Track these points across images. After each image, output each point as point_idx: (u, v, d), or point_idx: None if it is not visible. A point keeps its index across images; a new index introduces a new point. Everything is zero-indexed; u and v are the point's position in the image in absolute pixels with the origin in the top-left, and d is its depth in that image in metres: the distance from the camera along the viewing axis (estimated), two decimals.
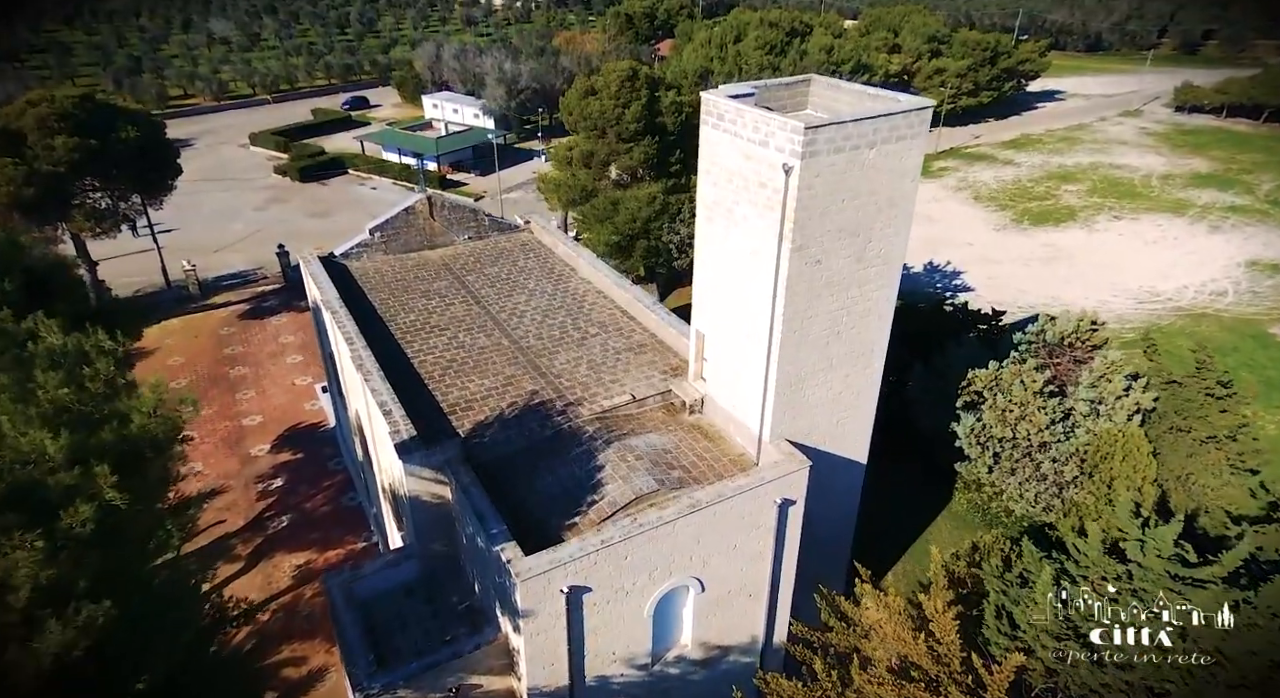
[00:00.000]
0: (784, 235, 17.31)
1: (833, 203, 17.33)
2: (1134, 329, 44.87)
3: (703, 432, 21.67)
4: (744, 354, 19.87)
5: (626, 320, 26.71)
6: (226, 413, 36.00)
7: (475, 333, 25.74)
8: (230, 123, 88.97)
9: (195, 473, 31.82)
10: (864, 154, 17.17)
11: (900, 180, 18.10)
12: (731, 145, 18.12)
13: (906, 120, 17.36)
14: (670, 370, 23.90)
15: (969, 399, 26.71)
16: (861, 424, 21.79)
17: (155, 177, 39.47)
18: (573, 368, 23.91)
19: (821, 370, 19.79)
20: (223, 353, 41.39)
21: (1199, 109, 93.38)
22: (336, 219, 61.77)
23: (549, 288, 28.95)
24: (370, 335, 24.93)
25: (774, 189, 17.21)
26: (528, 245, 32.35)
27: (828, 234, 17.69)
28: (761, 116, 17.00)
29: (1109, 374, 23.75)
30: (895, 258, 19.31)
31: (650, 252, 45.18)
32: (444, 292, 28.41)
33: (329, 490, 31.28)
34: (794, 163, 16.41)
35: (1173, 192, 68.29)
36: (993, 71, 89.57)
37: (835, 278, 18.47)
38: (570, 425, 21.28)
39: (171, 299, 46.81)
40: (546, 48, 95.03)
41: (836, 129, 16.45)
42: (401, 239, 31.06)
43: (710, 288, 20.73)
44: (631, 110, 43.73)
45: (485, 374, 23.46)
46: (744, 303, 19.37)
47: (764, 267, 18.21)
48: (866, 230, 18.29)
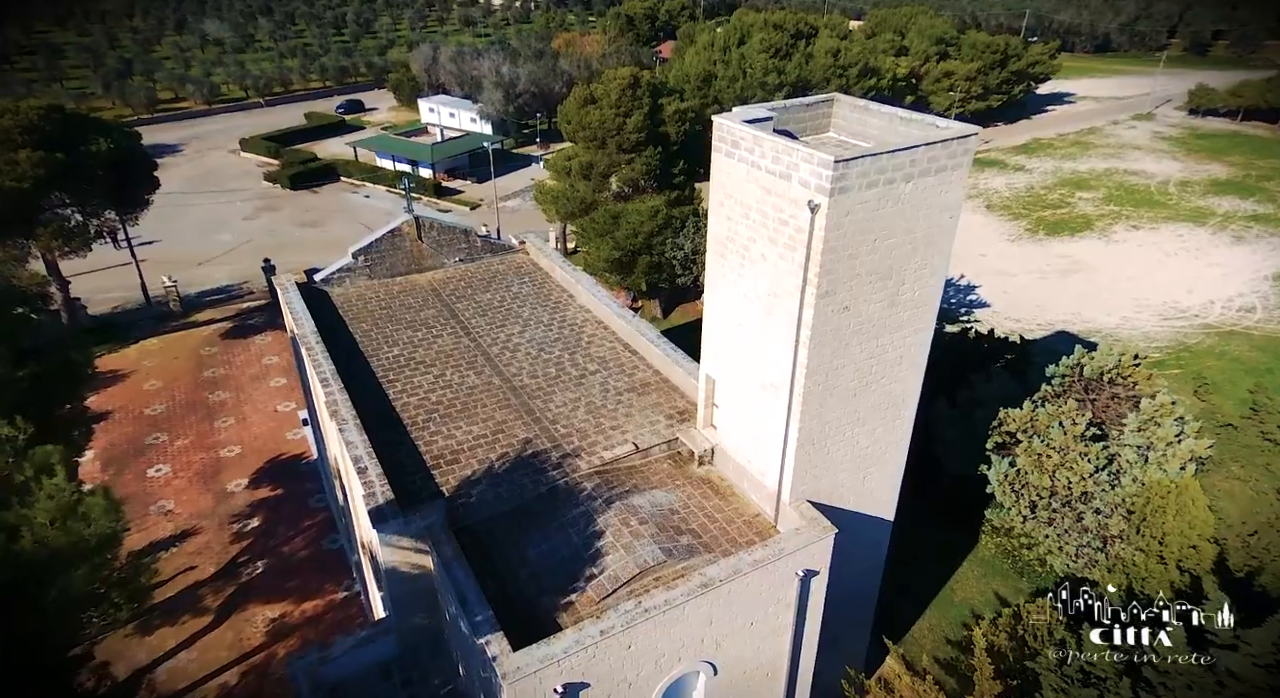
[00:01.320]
0: (808, 279, 15.23)
1: (864, 243, 15.25)
2: (1161, 348, 42.78)
3: (713, 487, 19.60)
4: (760, 406, 17.80)
5: (628, 356, 24.63)
6: (203, 443, 33.93)
7: (464, 370, 23.66)
8: (221, 127, 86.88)
9: (166, 512, 29.78)
10: (899, 189, 15.08)
11: (939, 216, 16.02)
12: (748, 176, 16.03)
13: (947, 150, 15.27)
14: (677, 415, 21.82)
15: (1000, 440, 24.64)
16: (889, 480, 19.72)
17: (130, 191, 37.35)
18: (570, 412, 21.83)
19: (848, 425, 17.72)
20: (203, 376, 39.33)
21: (1213, 112, 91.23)
22: (328, 229, 59.77)
23: (545, 317, 26.87)
24: (350, 373, 22.89)
25: (797, 228, 15.13)
26: (522, 268, 30.27)
27: (857, 278, 15.61)
28: (783, 146, 14.91)
29: (1158, 417, 21.67)
30: (930, 301, 17.23)
31: (653, 267, 43.13)
32: (431, 322, 26.34)
33: (309, 532, 29.21)
34: (821, 200, 14.33)
35: (1191, 199, 66.16)
36: (1003, 74, 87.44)
37: (865, 325, 16.39)
38: (567, 481, 19.21)
39: (151, 317, 44.73)
40: (545, 50, 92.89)
41: (870, 161, 14.36)
42: (387, 263, 28.99)
43: (722, 330, 18.64)
44: (633, 120, 41.66)
45: (474, 419, 21.38)
46: (761, 350, 17.29)
47: (785, 312, 16.14)
48: (900, 272, 16.20)
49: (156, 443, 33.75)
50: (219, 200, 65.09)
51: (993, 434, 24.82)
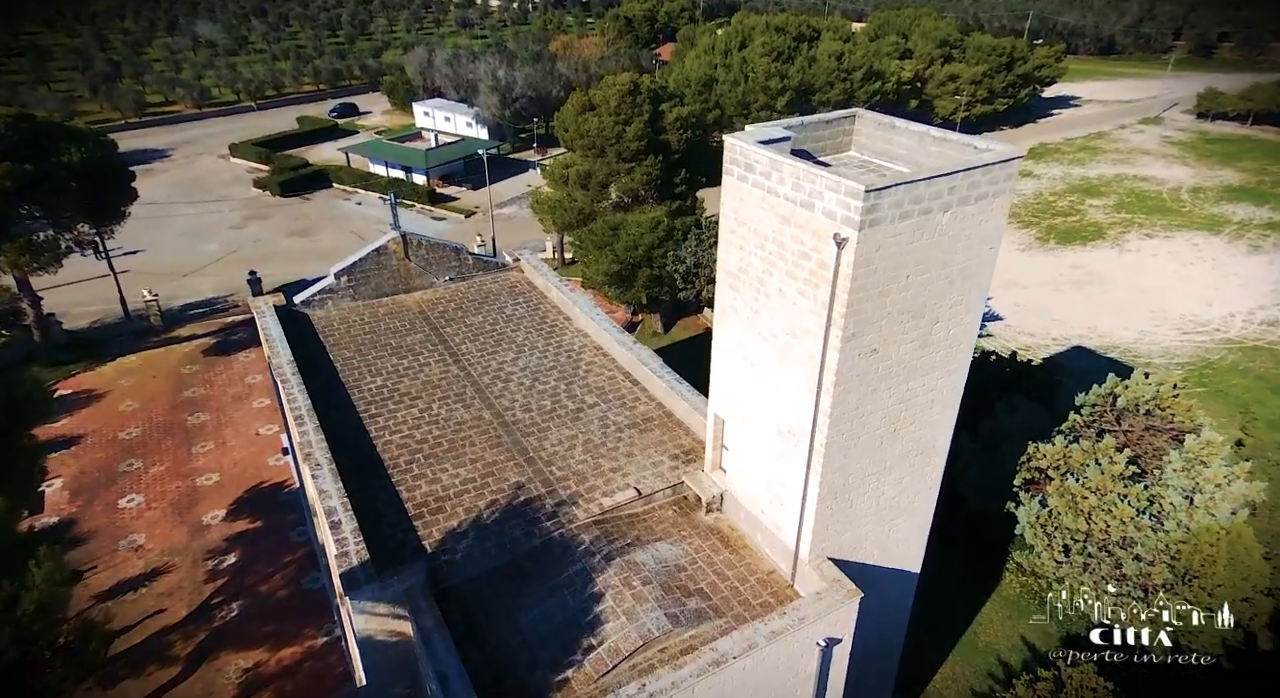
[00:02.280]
0: (833, 320, 13.53)
1: (895, 280, 13.54)
2: (1182, 365, 41.12)
3: (723, 538, 17.88)
4: (776, 453, 16.09)
5: (629, 386, 22.91)
6: (180, 470, 32.16)
7: (452, 403, 21.93)
8: (211, 132, 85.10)
9: (136, 548, 28.02)
10: (936, 219, 13.38)
11: (977, 248, 14.32)
12: (764, 203, 14.33)
13: (989, 175, 13.58)
14: (682, 454, 20.11)
15: (1030, 476, 22.95)
16: (917, 530, 18.03)
17: (105, 203, 35.56)
18: (566, 451, 20.10)
19: (873, 475, 16.01)
20: (182, 396, 37.56)
21: (1223, 116, 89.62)
22: (318, 238, 57.99)
23: (540, 342, 25.15)
24: (328, 407, 21.17)
25: (820, 263, 13.43)
26: (517, 288, 28.55)
27: (887, 317, 13.91)
28: (805, 172, 13.20)
29: (1204, 456, 19.99)
30: (966, 340, 15.53)
31: (653, 281, 41.39)
32: (418, 348, 24.61)
33: (289, 569, 27.46)
34: (849, 233, 12.62)
35: (1205, 206, 64.54)
36: (1009, 78, 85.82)
37: (894, 367, 14.69)
38: (562, 533, 17.48)
39: (130, 332, 42.95)
40: (543, 53, 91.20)
41: (904, 190, 12.66)
42: (372, 283, 27.27)
43: (733, 368, 16.93)
44: (633, 128, 39.97)
45: (462, 460, 19.64)
46: (777, 393, 15.58)
47: (805, 354, 14.43)
48: (934, 310, 14.50)
49: (130, 470, 31.99)
50: (206, 208, 63.31)
51: (1020, 470, 23.14)
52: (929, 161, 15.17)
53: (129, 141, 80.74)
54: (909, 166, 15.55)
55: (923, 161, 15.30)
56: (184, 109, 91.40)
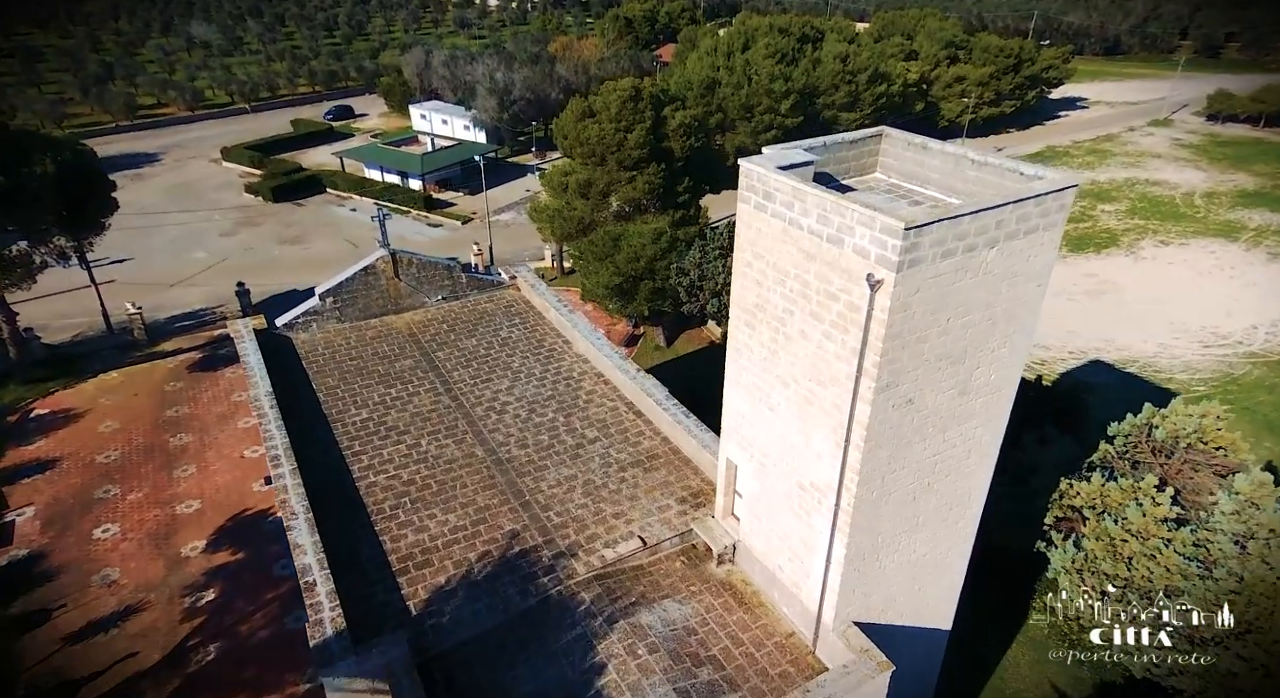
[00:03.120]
0: (864, 369, 12.02)
1: (934, 324, 12.03)
2: (1204, 380, 39.61)
3: (736, 594, 16.38)
4: (796, 508, 14.58)
5: (632, 419, 21.39)
6: (159, 497, 30.55)
7: (443, 438, 20.41)
8: (203, 135, 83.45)
9: (109, 583, 26.42)
10: (981, 256, 11.87)
11: (1024, 287, 12.81)
12: (786, 236, 12.81)
13: (1041, 207, 12.06)
14: (690, 497, 18.60)
15: (1062, 514, 21.44)
16: (949, 587, 16.55)
17: (83, 216, 34.02)
18: (565, 493, 18.59)
19: (904, 532, 14.50)
20: (165, 415, 35.93)
21: (1234, 118, 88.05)
22: (310, 246, 56.40)
23: (537, 368, 23.63)
24: (309, 444, 19.69)
25: (850, 305, 11.92)
26: (513, 307, 27.04)
27: (924, 365, 12.40)
28: (833, 203, 11.68)
29: (1256, 499, 18.48)
30: (1008, 384, 14.01)
31: (656, 293, 39.83)
32: (408, 375, 23.10)
33: (271, 606, 25.84)
34: (885, 274, 11.11)
35: (1220, 212, 63.01)
36: (1016, 79, 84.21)
37: (930, 417, 13.18)
38: (561, 591, 15.97)
39: (113, 347, 41.32)
40: (542, 54, 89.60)
41: (948, 227, 11.15)
42: (360, 304, 25.76)
43: (748, 411, 15.41)
44: (634, 135, 38.43)
45: (451, 505, 18.13)
46: (798, 442, 14.07)
47: (831, 404, 12.92)
48: (975, 354, 12.99)
49: (106, 498, 30.41)
50: (196, 215, 61.74)
51: (1052, 507, 21.63)
52: (965, 187, 13.68)
53: (119, 145, 79.44)
54: (942, 192, 14.06)
55: (958, 187, 13.80)
56: (176, 111, 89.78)
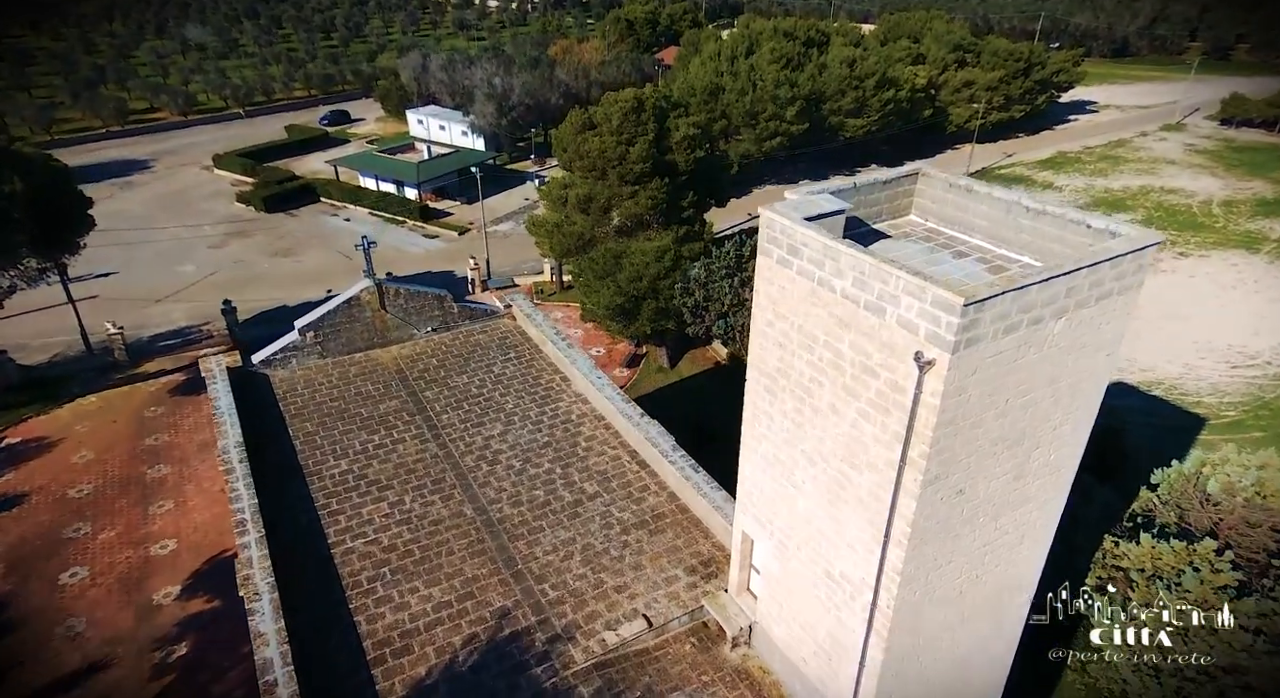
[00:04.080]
0: (910, 459, 10.27)
1: (991, 407, 10.29)
2: (1234, 404, 37.83)
3: (753, 685, 14.63)
4: (824, 599, 12.84)
5: (635, 470, 19.64)
6: (132, 536, 28.79)
7: (428, 494, 18.67)
8: (196, 141, 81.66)
9: (74, 636, 24.66)
10: (1047, 329, 10.11)
11: (1092, 358, 11.05)
12: (814, 298, 11.06)
13: (1117, 270, 10.30)
14: (700, 565, 16.86)
15: (1106, 576, 19.68)
16: (996, 677, 14.79)
17: (56, 236, 32.29)
18: (562, 561, 16.84)
19: (948, 629, 12.75)
20: (143, 444, 34.17)
21: (1248, 122, 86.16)
22: (302, 258, 54.61)
23: (533, 410, 21.88)
24: (282, 503, 17.98)
25: (893, 385, 10.17)
26: (508, 339, 25.28)
27: (978, 452, 10.65)
28: (873, 267, 9.93)
29: None
30: (1068, 463, 12.27)
31: (659, 313, 38.07)
32: (393, 419, 21.35)
33: (246, 663, 23.96)
34: (938, 354, 9.36)
35: (1240, 222, 61.17)
36: (1026, 84, 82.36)
37: (982, 506, 11.44)
38: (556, 683, 14.23)
39: (92, 368, 39.58)
40: (541, 58, 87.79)
41: (1012, 299, 9.39)
42: (343, 338, 24.01)
43: (766, 483, 13.67)
44: (637, 148, 36.64)
45: (435, 576, 16.39)
46: (829, 529, 12.33)
47: (868, 493, 11.18)
48: (1034, 435, 11.24)
49: (76, 537, 28.67)
50: (185, 225, 59.99)
51: (1095, 566, 19.88)
52: (1018, 238, 11.93)
53: (109, 152, 77.74)
54: (990, 241, 12.32)
55: (1009, 237, 12.05)
56: (169, 116, 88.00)
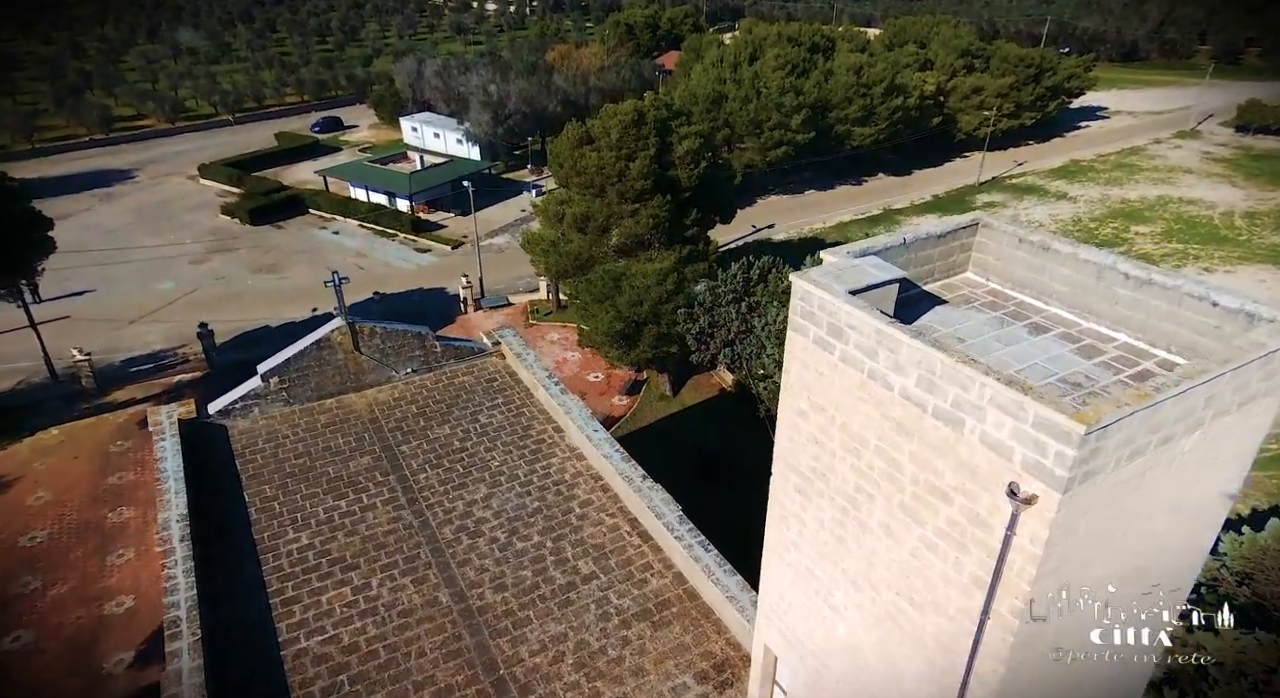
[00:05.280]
0: (994, 610, 7.89)
1: (1104, 545, 7.92)
2: (1274, 435, 35.39)
3: None
4: None
5: (636, 544, 17.25)
6: (86, 592, 26.50)
7: (399, 577, 16.28)
8: (182, 149, 79.33)
9: None
10: (1177, 446, 7.74)
11: (1224, 470, 8.68)
12: (863, 392, 8.70)
13: (1265, 368, 7.94)
14: (712, 670, 14.46)
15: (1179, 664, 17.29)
16: None
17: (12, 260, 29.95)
18: (551, 664, 14.45)
19: None
20: (105, 483, 31.91)
21: (1265, 129, 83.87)
22: (287, 275, 52.28)
23: (522, 468, 19.50)
24: (227, 589, 15.58)
25: (974, 518, 7.81)
26: (495, 382, 22.90)
27: (1083, 592, 8.27)
28: (947, 366, 7.56)
29: None
30: (1182, 590, 9.89)
31: (661, 339, 35.72)
32: (363, 480, 18.97)
33: None
34: (1045, 492, 6.98)
35: (1264, 234, 58.85)
36: (1037, 90, 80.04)
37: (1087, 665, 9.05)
38: None
39: (57, 397, 37.29)
40: (539, 63, 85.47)
41: (1143, 418, 7.02)
42: (312, 382, 21.62)
43: (794, 596, 11.31)
44: (637, 164, 34.33)
45: (402, 689, 13.96)
46: (877, 667, 9.97)
47: (934, 638, 8.82)
48: (1152, 570, 8.87)
49: (24, 593, 26.37)
50: (167, 240, 57.62)
51: None
52: (1113, 312, 9.57)
53: (92, 161, 75.46)
54: (1073, 312, 9.97)
55: (1101, 309, 9.69)
56: (155, 124, 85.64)
